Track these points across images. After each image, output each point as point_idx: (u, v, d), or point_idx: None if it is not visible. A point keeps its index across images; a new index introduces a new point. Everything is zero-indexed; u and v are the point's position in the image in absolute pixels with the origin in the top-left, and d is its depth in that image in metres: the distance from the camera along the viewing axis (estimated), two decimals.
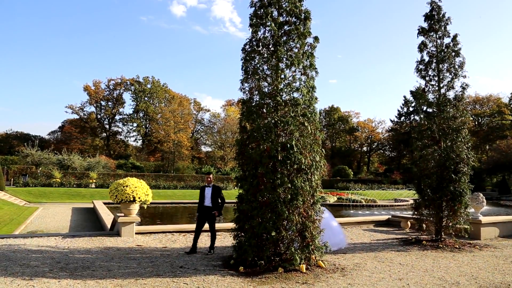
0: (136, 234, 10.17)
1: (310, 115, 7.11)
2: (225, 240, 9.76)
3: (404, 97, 66.41)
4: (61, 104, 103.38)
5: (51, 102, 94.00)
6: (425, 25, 10.74)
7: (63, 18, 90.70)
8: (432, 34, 10.63)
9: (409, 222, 12.73)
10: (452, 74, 10.36)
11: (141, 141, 70.15)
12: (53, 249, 8.26)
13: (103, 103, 67.41)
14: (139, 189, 9.92)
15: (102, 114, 68.27)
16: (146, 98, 68.55)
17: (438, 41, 10.59)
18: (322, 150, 7.28)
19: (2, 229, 12.03)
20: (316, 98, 7.37)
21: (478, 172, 48.25)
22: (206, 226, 8.38)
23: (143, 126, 69.33)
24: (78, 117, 66.04)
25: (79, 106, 65.56)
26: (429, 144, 10.33)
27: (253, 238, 6.80)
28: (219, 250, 8.52)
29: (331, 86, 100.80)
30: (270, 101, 7.15)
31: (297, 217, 6.65)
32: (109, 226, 11.51)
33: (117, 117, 69.10)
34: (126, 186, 9.79)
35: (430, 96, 10.58)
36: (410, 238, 10.57)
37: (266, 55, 7.33)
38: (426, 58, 10.66)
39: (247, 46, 7.48)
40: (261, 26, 7.38)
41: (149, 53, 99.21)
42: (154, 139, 65.14)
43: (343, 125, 75.34)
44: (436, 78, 10.51)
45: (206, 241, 9.25)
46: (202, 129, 72.49)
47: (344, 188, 43.80)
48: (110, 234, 10.28)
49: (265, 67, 7.32)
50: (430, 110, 10.62)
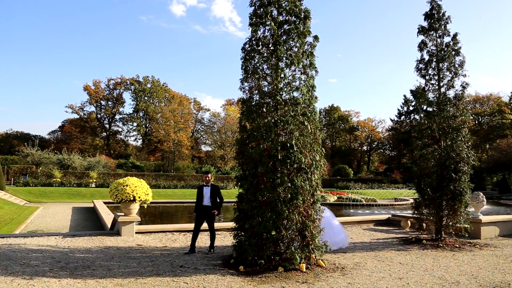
0: (136, 233, 10.17)
1: (310, 114, 7.11)
2: (225, 239, 9.76)
3: (404, 96, 66.42)
4: (61, 103, 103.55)
5: (51, 102, 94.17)
6: (425, 24, 10.73)
7: (63, 18, 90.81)
8: (432, 33, 10.61)
9: (409, 222, 12.72)
10: (452, 73, 10.35)
11: (141, 140, 70.22)
12: (53, 248, 8.26)
13: (103, 103, 67.42)
14: (139, 188, 9.93)
15: (102, 114, 68.30)
16: (146, 98, 68.55)
17: (438, 40, 10.58)
18: (322, 149, 7.28)
19: (3, 228, 12.04)
20: (316, 97, 7.37)
21: (478, 171, 48.28)
22: (204, 226, 8.37)
23: (143, 126, 69.33)
24: (78, 116, 66.07)
25: (79, 105, 65.65)
26: (429, 143, 10.32)
27: (253, 237, 6.80)
28: (219, 250, 8.52)
29: (331, 85, 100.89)
30: (270, 100, 7.15)
31: (297, 216, 6.65)
32: (109, 225, 11.52)
33: (117, 116, 69.15)
34: (126, 186, 9.79)
35: (430, 95, 10.58)
36: (410, 237, 10.57)
37: (266, 54, 7.32)
38: (426, 57, 10.65)
39: (247, 45, 7.47)
40: (260, 25, 7.37)
41: (149, 52, 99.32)
42: (154, 139, 65.14)
43: (343, 124, 75.32)
44: (436, 77, 10.50)
45: (206, 240, 9.25)
46: (202, 128, 72.52)
47: (344, 187, 43.81)
48: (110, 234, 10.29)
49: (265, 66, 7.32)
50: (430, 109, 10.61)
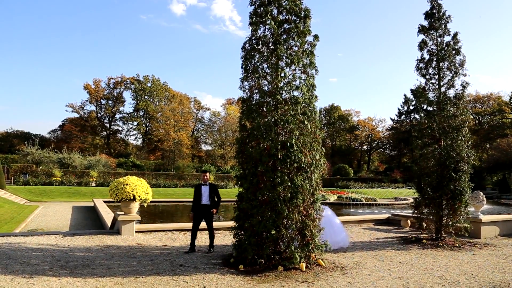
0: (136, 232, 10.18)
1: (310, 114, 7.11)
2: (225, 238, 9.76)
3: (404, 95, 66.42)
4: (61, 102, 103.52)
5: (52, 101, 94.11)
6: (425, 23, 10.72)
7: (63, 17, 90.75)
8: (432, 32, 10.60)
9: (409, 221, 12.73)
10: (452, 72, 10.34)
11: (141, 139, 70.21)
12: (53, 247, 8.27)
13: (103, 102, 67.40)
14: (139, 187, 9.93)
15: (102, 113, 68.28)
16: (146, 97, 68.53)
17: (439, 39, 10.56)
18: (322, 148, 7.27)
19: (3, 227, 12.05)
20: (316, 97, 7.36)
21: (479, 170, 48.27)
22: (203, 225, 8.37)
23: (143, 125, 69.33)
24: (78, 115, 66.03)
25: (80, 104, 65.60)
26: (429, 142, 10.32)
27: (253, 236, 6.80)
28: (219, 249, 8.52)
29: (331, 84, 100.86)
30: (270, 99, 7.14)
31: (297, 215, 6.65)
32: (109, 224, 11.53)
33: (117, 115, 69.12)
34: (126, 185, 9.79)
35: (431, 94, 10.57)
36: (410, 236, 10.57)
37: (266, 54, 7.32)
38: (427, 57, 10.64)
39: (247, 45, 7.47)
40: (261, 25, 7.36)
41: (149, 51, 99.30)
42: (154, 138, 65.13)
43: (343, 123, 75.28)
44: (436, 77, 10.49)
45: (206, 239, 9.24)
46: (202, 127, 72.46)
47: (344, 186, 43.81)
48: (110, 233, 10.29)
49: (265, 66, 7.31)
50: (430, 108, 10.60)
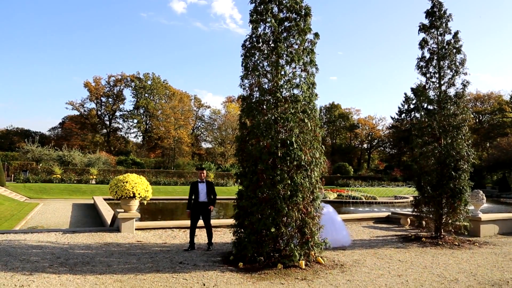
0: (136, 230, 10.19)
1: (310, 112, 7.10)
2: (224, 236, 9.78)
3: (404, 94, 66.31)
4: (61, 100, 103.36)
5: (52, 99, 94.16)
6: (426, 21, 10.69)
7: (63, 14, 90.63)
8: (433, 31, 10.58)
9: (408, 219, 12.74)
10: (453, 71, 10.32)
11: (141, 137, 70.23)
12: (53, 244, 8.28)
13: (104, 100, 67.38)
14: (139, 185, 9.93)
15: (102, 111, 68.27)
16: (146, 95, 68.49)
17: (439, 38, 10.54)
18: (322, 146, 7.27)
19: (3, 224, 12.07)
20: (316, 95, 7.35)
21: (479, 169, 48.27)
22: (201, 222, 8.38)
23: (144, 123, 69.32)
24: (78, 113, 66.03)
25: (80, 102, 65.63)
26: (429, 141, 10.31)
27: (252, 234, 6.81)
28: (219, 246, 8.54)
29: (332, 82, 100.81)
30: (270, 97, 7.13)
31: (296, 213, 6.66)
32: (109, 222, 11.54)
33: (117, 113, 69.13)
34: (126, 182, 9.80)
35: (431, 93, 10.55)
36: (410, 235, 10.58)
37: (266, 52, 7.30)
38: (427, 55, 10.62)
39: (247, 43, 7.46)
40: (261, 23, 7.35)
41: (149, 49, 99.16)
42: (155, 136, 65.14)
43: (344, 122, 75.28)
44: (437, 75, 10.47)
45: (205, 237, 9.19)
46: (202, 125, 72.48)
47: (344, 185, 43.84)
48: (110, 230, 10.31)
49: (265, 64, 7.30)
50: (430, 107, 10.59)
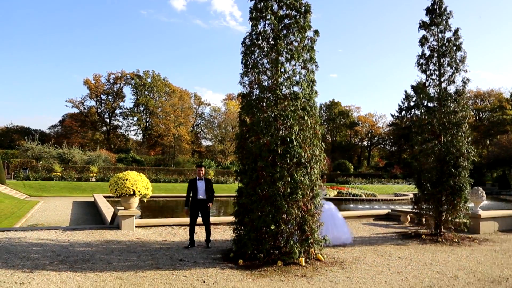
0: (136, 227, 10.21)
1: (310, 109, 7.09)
2: (224, 233, 9.79)
3: (405, 91, 66.23)
4: (61, 98, 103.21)
5: (52, 96, 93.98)
6: (426, 19, 10.66)
7: (63, 12, 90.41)
8: (433, 28, 10.55)
9: (408, 216, 12.75)
10: (453, 68, 10.30)
11: (141, 135, 70.25)
12: (53, 242, 8.29)
13: (104, 97, 67.33)
14: (139, 182, 9.94)
15: (102, 108, 68.21)
16: (146, 92, 68.45)
17: (439, 35, 10.51)
18: (322, 144, 7.27)
19: (3, 222, 12.08)
20: (316, 92, 7.34)
21: (478, 166, 48.28)
22: (200, 219, 8.40)
23: (144, 120, 69.29)
24: (78, 111, 65.99)
25: (80, 100, 65.57)
26: (429, 138, 10.31)
27: (252, 231, 6.82)
28: (219, 244, 8.55)
29: (332, 80, 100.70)
30: (270, 95, 7.12)
31: (296, 210, 6.66)
32: (109, 219, 11.55)
33: (117, 111, 69.08)
34: (126, 180, 9.80)
35: (431, 90, 10.54)
36: (410, 232, 10.60)
37: (266, 49, 7.29)
38: (427, 52, 10.59)
39: (247, 40, 7.44)
40: (261, 20, 7.33)
41: (149, 47, 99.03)
42: (155, 133, 65.14)
43: (344, 119, 75.23)
44: (437, 73, 10.46)
45: (205, 234, 9.26)
46: (202, 123, 72.46)
47: (344, 182, 43.85)
48: (110, 228, 10.32)
49: (265, 61, 7.28)
50: (430, 104, 10.58)
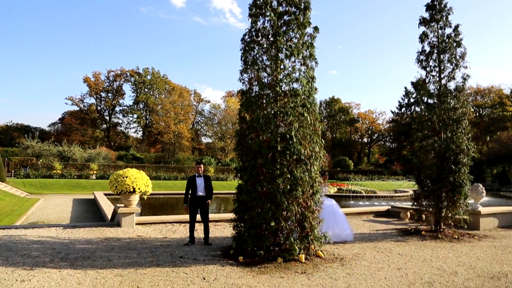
0: (136, 224, 10.22)
1: (309, 106, 7.08)
2: (224, 230, 9.80)
3: (405, 88, 66.27)
4: (61, 95, 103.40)
5: (51, 94, 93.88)
6: (426, 15, 10.63)
7: (63, 9, 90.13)
8: (433, 24, 10.51)
9: (408, 213, 12.77)
10: (453, 64, 10.27)
11: (141, 132, 70.21)
12: (53, 239, 8.31)
13: (103, 95, 67.25)
14: (139, 180, 9.94)
15: (102, 106, 68.16)
16: (146, 90, 68.37)
17: (440, 31, 10.48)
18: (322, 140, 7.26)
19: (4, 220, 12.10)
20: (316, 89, 7.33)
21: (478, 163, 48.31)
22: (199, 216, 8.42)
23: (143, 118, 69.25)
24: (78, 108, 65.94)
25: (79, 97, 65.52)
26: (429, 135, 10.30)
27: (252, 228, 6.83)
28: (219, 241, 8.56)
29: (332, 77, 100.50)
30: (269, 91, 7.12)
31: (296, 207, 6.67)
32: (109, 216, 11.57)
33: (117, 108, 69.03)
34: (126, 177, 9.81)
35: (431, 87, 10.52)
36: (410, 228, 10.61)
37: (265, 46, 7.27)
38: (427, 49, 10.57)
39: (247, 37, 7.42)
40: (260, 16, 7.31)
41: (149, 44, 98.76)
42: (155, 131, 65.08)
43: (344, 116, 75.15)
44: (437, 69, 10.43)
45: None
46: (202, 120, 72.38)
47: (344, 179, 43.87)
48: (111, 225, 10.34)
49: (264, 58, 7.27)
50: (430, 101, 10.55)
